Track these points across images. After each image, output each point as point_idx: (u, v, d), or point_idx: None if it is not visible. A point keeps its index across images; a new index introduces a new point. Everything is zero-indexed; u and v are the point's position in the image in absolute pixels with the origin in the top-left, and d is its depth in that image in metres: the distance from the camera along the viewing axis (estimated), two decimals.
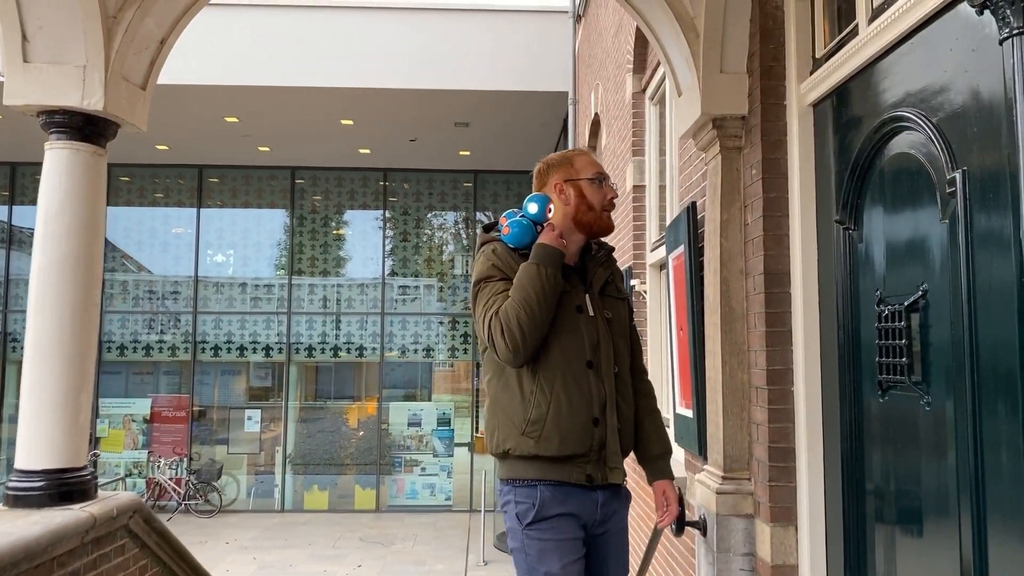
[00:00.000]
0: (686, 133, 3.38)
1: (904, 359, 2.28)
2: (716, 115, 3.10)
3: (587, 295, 2.41)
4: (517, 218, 2.39)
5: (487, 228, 2.50)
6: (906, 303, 2.26)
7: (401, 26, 10.03)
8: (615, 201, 2.51)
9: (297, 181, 14.02)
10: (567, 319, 2.32)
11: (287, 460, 13.92)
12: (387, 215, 14.31)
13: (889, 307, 2.35)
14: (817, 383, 2.83)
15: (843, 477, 2.67)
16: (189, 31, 9.65)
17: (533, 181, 2.51)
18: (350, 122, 11.34)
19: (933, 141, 2.14)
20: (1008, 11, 1.79)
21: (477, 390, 14.44)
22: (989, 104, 1.91)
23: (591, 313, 2.39)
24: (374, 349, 13.99)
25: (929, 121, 2.16)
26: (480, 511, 11.12)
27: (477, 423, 14.44)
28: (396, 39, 9.95)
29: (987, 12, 1.87)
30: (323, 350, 14.02)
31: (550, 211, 2.41)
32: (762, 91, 2.98)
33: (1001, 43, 1.82)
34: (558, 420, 2.27)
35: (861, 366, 2.57)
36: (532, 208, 2.41)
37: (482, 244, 2.44)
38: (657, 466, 2.61)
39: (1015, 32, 1.78)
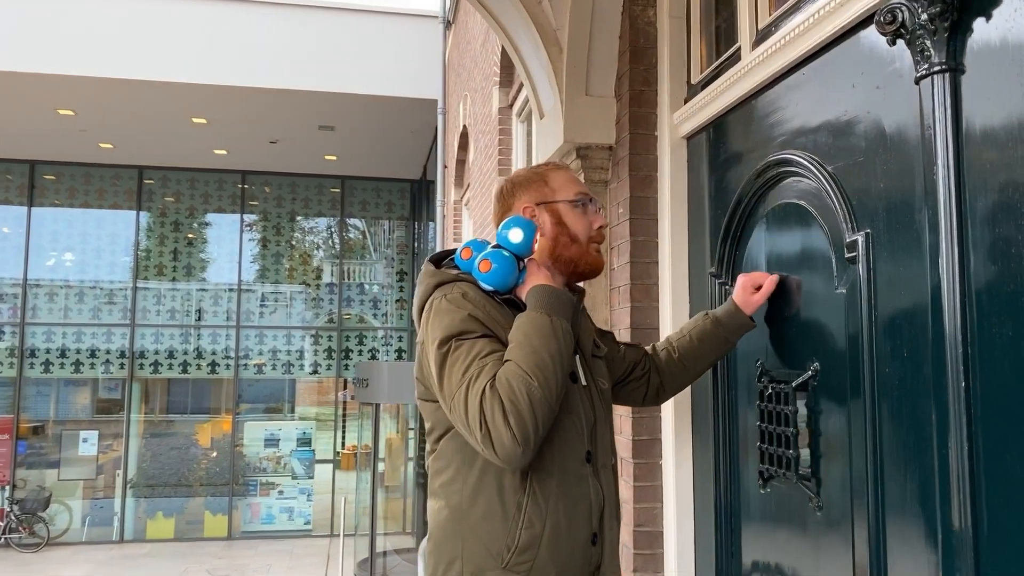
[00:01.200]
0: (549, 160, 2.95)
1: (791, 450, 1.91)
2: (581, 143, 2.69)
3: (578, 358, 1.70)
4: (494, 249, 1.62)
5: (437, 260, 1.73)
6: (794, 383, 1.90)
7: (259, 21, 9.26)
8: (604, 231, 1.78)
9: (145, 182, 12.85)
10: (564, 394, 1.57)
11: (128, 484, 12.71)
12: (246, 220, 13.37)
13: (774, 385, 1.99)
14: (688, 460, 2.46)
15: (717, 574, 2.30)
16: (13, 12, 8.53)
17: (493, 206, 1.82)
18: (203, 120, 10.43)
19: (829, 193, 1.79)
20: (928, 43, 1.43)
21: (344, 403, 13.71)
22: (901, 154, 1.55)
23: (584, 383, 1.68)
24: (228, 364, 13.02)
25: (824, 169, 1.80)
26: (340, 535, 10.43)
27: (343, 438, 13.71)
28: (253, 34, 9.17)
29: (900, 43, 1.51)
30: (171, 365, 12.92)
31: (536, 241, 1.66)
32: (631, 119, 2.59)
33: (918, 82, 1.47)
34: (555, 544, 1.55)
35: (739, 447, 2.20)
36: (515, 236, 1.61)
37: (437, 284, 1.63)
38: (726, 310, 1.99)
39: (936, 69, 1.43)
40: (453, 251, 1.72)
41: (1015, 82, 1.31)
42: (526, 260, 1.64)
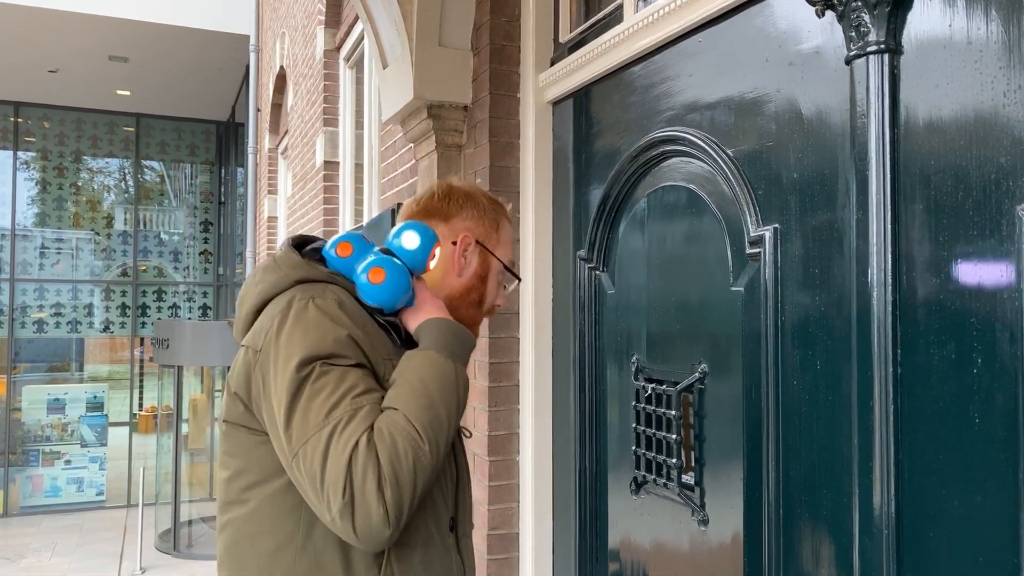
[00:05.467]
0: (393, 117, 2.60)
1: (672, 458, 1.74)
2: (433, 101, 2.37)
3: None
4: (384, 255, 1.24)
5: (300, 244, 1.29)
6: (679, 386, 1.72)
7: None
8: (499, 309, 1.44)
9: None
10: None
11: None
12: (20, 158, 11.78)
13: (654, 386, 1.81)
14: (548, 457, 2.26)
15: None
16: None
17: (429, 199, 1.37)
18: None
19: (727, 179, 1.60)
20: (865, 18, 1.24)
21: (141, 362, 12.60)
22: (822, 142, 1.38)
23: None
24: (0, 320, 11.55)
25: (723, 152, 1.61)
26: (139, 505, 9.57)
27: (141, 397, 12.64)
28: None
29: (830, 15, 1.32)
30: None
31: (433, 259, 1.28)
32: (491, 77, 2.30)
33: (849, 62, 1.29)
34: None
35: (608, 448, 2.02)
36: (410, 242, 1.25)
37: (300, 280, 1.21)
38: None
39: (872, 49, 1.25)
40: (315, 239, 1.31)
41: (960, 67, 1.16)
42: (414, 279, 1.27)
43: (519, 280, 1.40)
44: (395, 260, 1.22)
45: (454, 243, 1.33)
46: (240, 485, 1.20)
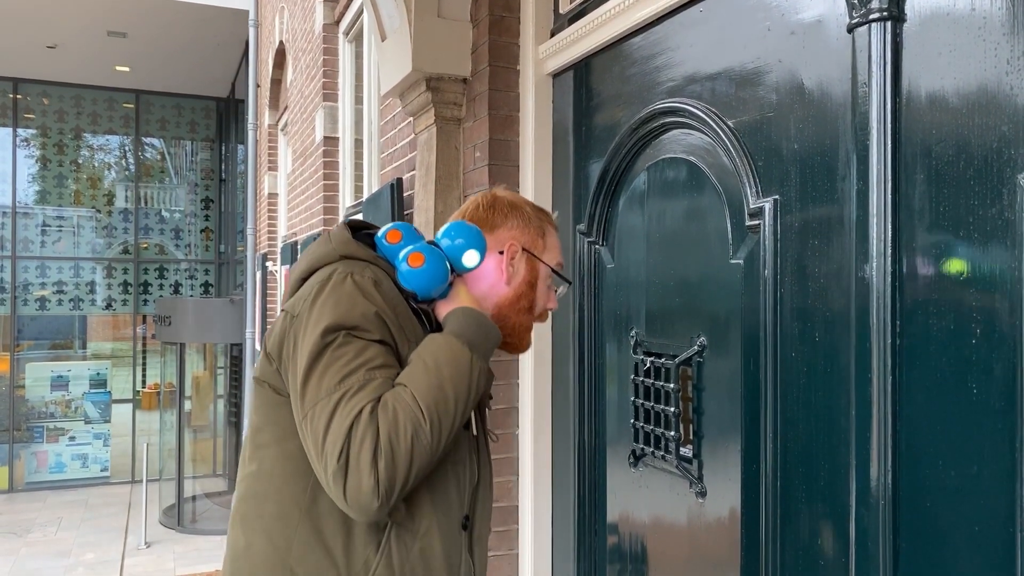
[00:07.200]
0: (392, 91, 2.58)
1: (671, 431, 1.75)
2: (431, 74, 2.34)
3: None
4: (428, 244, 1.29)
5: (357, 227, 1.34)
6: (678, 359, 1.72)
7: None
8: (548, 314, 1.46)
9: None
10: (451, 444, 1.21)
11: None
12: (20, 135, 11.73)
13: (654, 359, 1.81)
14: (547, 432, 2.26)
15: (579, 554, 2.14)
16: None
17: (474, 209, 1.39)
18: None
19: (728, 150, 1.58)
20: None
21: (143, 339, 12.63)
22: (823, 112, 1.37)
23: (474, 432, 1.32)
24: (2, 298, 11.57)
25: (723, 123, 1.59)
26: (143, 481, 9.63)
27: (144, 374, 12.68)
28: None
29: None
30: None
31: (475, 259, 1.31)
32: (491, 48, 2.28)
33: (851, 30, 1.27)
34: None
35: (607, 422, 2.02)
36: (461, 243, 1.30)
37: (345, 256, 1.25)
38: None
39: (874, 16, 1.23)
40: (371, 225, 1.37)
41: (963, 34, 1.14)
42: (455, 275, 1.31)
43: (569, 283, 1.46)
44: (436, 250, 1.27)
45: (500, 252, 1.35)
46: (258, 442, 1.24)
